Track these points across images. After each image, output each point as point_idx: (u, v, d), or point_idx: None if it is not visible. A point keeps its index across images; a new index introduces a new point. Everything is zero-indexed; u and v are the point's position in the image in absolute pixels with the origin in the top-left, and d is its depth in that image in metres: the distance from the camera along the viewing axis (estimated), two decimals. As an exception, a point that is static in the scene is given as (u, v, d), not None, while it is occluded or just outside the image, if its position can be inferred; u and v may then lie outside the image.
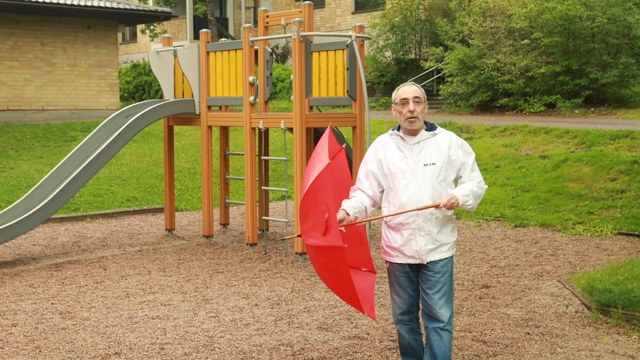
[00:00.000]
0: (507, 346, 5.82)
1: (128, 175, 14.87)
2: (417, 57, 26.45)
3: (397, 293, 4.60)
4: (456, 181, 4.62)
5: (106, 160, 9.59)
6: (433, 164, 4.46)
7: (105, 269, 8.60)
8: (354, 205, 4.49)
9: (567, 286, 7.39)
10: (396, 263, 4.55)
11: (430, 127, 4.58)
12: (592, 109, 19.06)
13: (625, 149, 13.14)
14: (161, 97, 24.45)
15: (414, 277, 4.56)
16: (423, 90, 4.57)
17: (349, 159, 10.55)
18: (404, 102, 4.48)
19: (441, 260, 4.49)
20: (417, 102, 4.48)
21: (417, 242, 4.46)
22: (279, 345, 5.83)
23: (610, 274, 7.38)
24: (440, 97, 23.01)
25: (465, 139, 15.61)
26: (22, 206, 9.42)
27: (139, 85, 30.26)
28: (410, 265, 4.53)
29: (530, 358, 5.56)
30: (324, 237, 4.10)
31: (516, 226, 10.92)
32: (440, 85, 22.52)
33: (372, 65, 25.65)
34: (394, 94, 4.57)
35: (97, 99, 21.97)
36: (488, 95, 20.49)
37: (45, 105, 21.16)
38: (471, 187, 4.48)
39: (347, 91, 9.49)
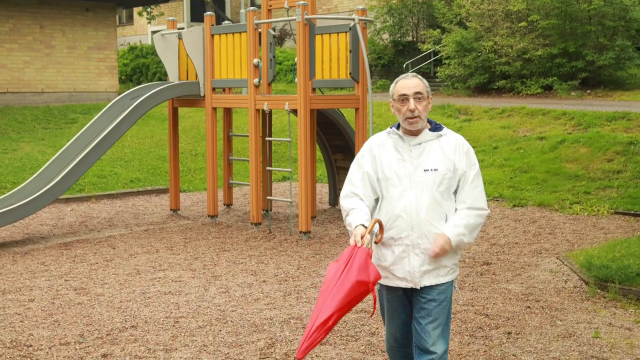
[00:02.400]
0: (508, 319, 6.05)
1: (131, 157, 15.03)
2: (415, 39, 26.57)
3: (390, 318, 3.96)
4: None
5: (113, 141, 9.76)
6: (435, 169, 3.77)
7: (114, 248, 8.79)
8: (366, 218, 3.77)
9: (565, 263, 7.62)
10: (386, 285, 3.89)
11: (435, 127, 3.89)
12: (589, 91, 19.26)
13: (622, 130, 13.35)
14: (159, 79, 24.32)
15: (407, 301, 3.91)
16: (426, 83, 3.86)
17: (350, 141, 10.75)
18: (403, 98, 3.78)
19: (438, 286, 3.81)
20: (419, 98, 3.78)
21: (410, 261, 3.77)
22: (289, 318, 6.05)
23: (607, 251, 7.61)
24: (437, 80, 23.16)
25: (464, 121, 15.84)
26: (30, 187, 9.59)
27: (137, 68, 30.30)
28: (403, 289, 3.87)
29: (531, 330, 5.79)
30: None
31: (514, 206, 11.14)
32: (438, 68, 22.67)
33: (370, 47, 25.75)
34: (391, 87, 3.88)
35: (96, 82, 22.05)
36: (485, 78, 20.67)
37: (45, 87, 21.25)
38: (467, 221, 3.77)
39: (350, 73, 9.66)
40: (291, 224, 9.75)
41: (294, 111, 9.36)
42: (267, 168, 10.51)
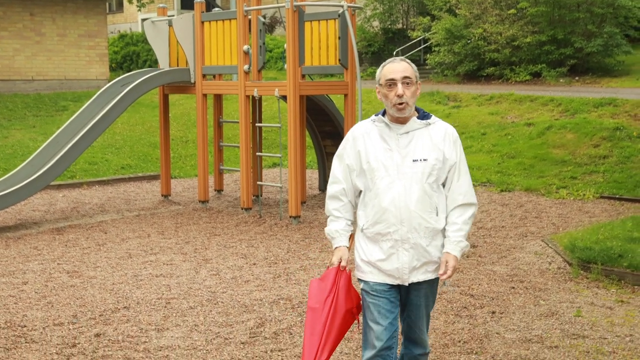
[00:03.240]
0: (493, 299, 6.19)
1: (122, 143, 15.10)
2: (405, 26, 26.65)
3: (375, 320, 3.64)
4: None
5: (104, 128, 9.84)
6: (424, 159, 3.58)
7: (105, 233, 8.89)
8: (347, 229, 3.73)
9: (550, 245, 7.77)
10: (372, 282, 3.66)
11: (423, 115, 3.69)
12: (577, 78, 19.41)
13: (608, 116, 13.51)
14: (150, 67, 24.34)
15: (394, 300, 3.68)
16: (415, 68, 3.67)
17: (340, 127, 10.86)
18: (391, 83, 3.58)
19: (427, 282, 3.68)
20: (408, 83, 3.58)
21: (400, 257, 3.59)
22: (279, 299, 6.17)
23: (591, 233, 7.77)
24: (427, 67, 23.26)
25: (452, 108, 15.97)
26: (22, 173, 9.66)
27: (127, 56, 30.26)
28: (390, 285, 3.66)
29: (514, 309, 5.93)
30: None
31: (502, 191, 11.29)
32: (428, 55, 22.77)
33: (360, 35, 25.82)
34: (378, 72, 3.68)
35: (87, 69, 22.04)
36: (474, 65, 20.78)
37: (35, 75, 21.23)
38: (464, 226, 3.64)
39: (339, 60, 9.75)
40: (281, 208, 9.87)
41: (284, 97, 9.45)
42: (257, 154, 10.62)
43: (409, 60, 3.68)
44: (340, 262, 3.64)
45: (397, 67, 3.61)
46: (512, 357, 4.96)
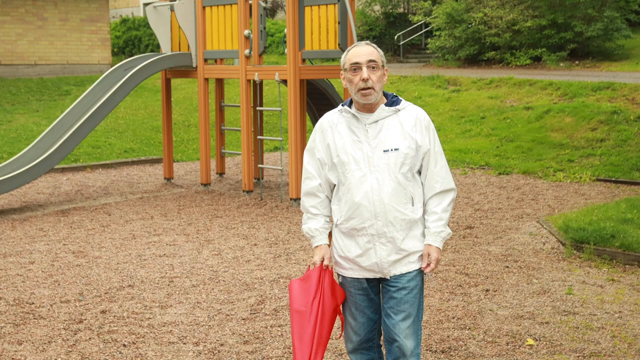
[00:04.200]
0: (487, 277, 6.36)
1: (124, 127, 15.25)
2: (406, 11, 26.70)
3: (353, 315, 3.58)
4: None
5: (108, 111, 9.99)
6: (395, 149, 3.42)
7: (109, 215, 9.06)
8: (326, 227, 3.59)
9: (544, 226, 7.93)
10: (350, 277, 3.55)
11: (392, 101, 3.51)
12: (577, 62, 19.50)
13: (606, 100, 13.63)
14: (151, 52, 24.45)
15: (374, 294, 3.57)
16: (381, 52, 3.48)
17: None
18: (355, 67, 3.42)
19: (408, 273, 3.50)
20: (373, 67, 3.41)
21: (377, 252, 3.45)
22: (279, 277, 6.35)
23: (585, 215, 7.93)
24: (428, 51, 23.35)
25: (452, 92, 16.09)
26: (27, 156, 9.83)
27: (129, 40, 30.33)
28: (368, 279, 3.54)
29: (508, 287, 6.11)
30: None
31: (500, 174, 11.44)
32: (429, 39, 22.84)
33: (361, 19, 25.88)
34: (342, 57, 3.52)
35: (89, 54, 22.16)
36: (475, 49, 20.87)
37: (38, 59, 21.35)
38: (443, 215, 3.52)
39: (339, 44, 9.87)
40: (282, 191, 10.03)
41: (284, 81, 9.59)
42: (259, 137, 10.77)
43: (375, 45, 3.50)
44: (322, 262, 3.49)
45: (362, 50, 3.43)
46: (504, 332, 5.13)
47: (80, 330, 5.17)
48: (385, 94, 3.53)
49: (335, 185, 3.54)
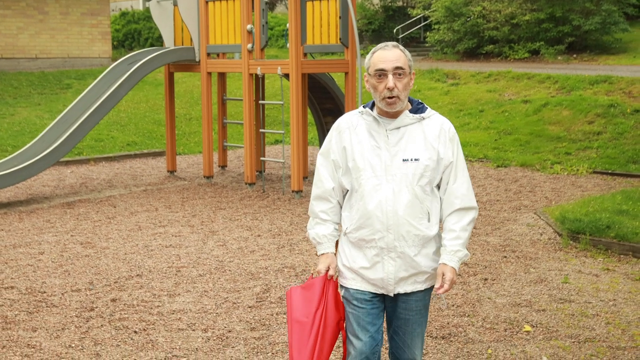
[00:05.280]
0: (486, 267, 6.54)
1: (127, 121, 15.40)
2: (405, 4, 26.81)
3: (354, 333, 3.31)
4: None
5: (112, 105, 10.14)
6: (416, 159, 3.20)
7: (115, 207, 9.23)
8: (335, 234, 3.38)
9: (542, 217, 8.11)
10: (353, 289, 3.31)
11: (417, 108, 3.30)
12: (575, 56, 19.65)
13: (603, 94, 13.79)
14: (151, 45, 24.49)
15: (377, 311, 3.33)
16: (409, 56, 3.25)
17: (340, 104, 11.16)
18: (381, 74, 3.18)
19: (415, 293, 3.29)
20: (400, 75, 3.18)
21: (385, 266, 3.23)
22: (283, 267, 6.53)
23: (581, 206, 8.10)
24: (427, 45, 23.49)
25: (451, 85, 16.24)
26: (33, 149, 9.98)
27: (128, 34, 30.44)
28: (373, 294, 3.31)
29: (506, 276, 6.28)
30: None
31: (498, 166, 11.61)
32: (427, 33, 22.98)
33: (360, 12, 26.01)
34: (367, 58, 3.27)
35: (90, 47, 22.26)
36: (474, 43, 21.02)
37: (39, 53, 21.47)
38: (462, 234, 3.24)
39: (340, 39, 10.03)
40: (284, 183, 10.19)
41: (286, 75, 9.74)
42: (261, 130, 10.92)
43: (402, 47, 3.25)
44: (327, 271, 3.29)
45: (388, 55, 3.17)
46: (502, 319, 5.31)
47: (92, 317, 5.34)
48: (410, 100, 3.31)
49: (347, 191, 3.33)
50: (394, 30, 24.95)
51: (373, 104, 3.30)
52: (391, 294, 3.27)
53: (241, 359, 4.66)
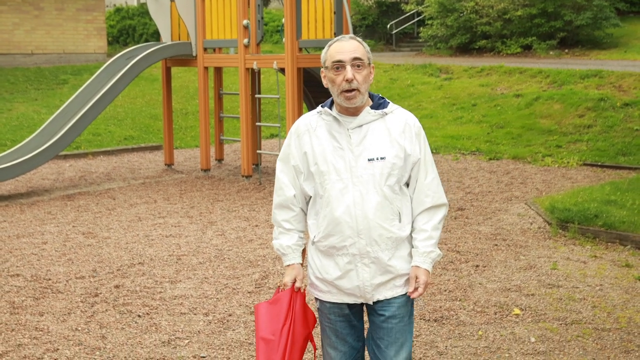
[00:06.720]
0: (477, 255, 6.74)
1: (123, 115, 15.56)
2: (398, 0, 26.99)
3: (333, 345, 3.20)
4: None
5: (111, 99, 10.31)
6: (382, 158, 3.02)
7: (114, 199, 9.40)
8: (300, 244, 3.19)
9: (532, 207, 8.32)
10: (329, 303, 3.16)
11: (378, 104, 3.10)
12: (567, 51, 19.88)
13: (594, 88, 14.02)
14: (146, 41, 24.69)
15: (356, 320, 3.20)
16: (367, 47, 3.07)
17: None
18: (338, 66, 3.00)
19: (395, 299, 3.11)
20: (359, 66, 3.00)
21: (359, 274, 3.06)
22: (281, 255, 6.72)
23: (571, 196, 8.32)
24: (420, 40, 23.68)
25: (444, 80, 16.44)
26: (32, 144, 10.14)
27: (123, 29, 30.52)
28: (350, 305, 3.15)
29: (496, 263, 6.49)
30: None
31: (490, 159, 11.82)
32: (421, 28, 23.17)
33: (354, 8, 26.18)
34: (323, 52, 3.09)
35: (85, 43, 22.39)
36: (467, 38, 21.22)
37: (35, 49, 21.58)
38: (434, 233, 3.09)
39: (334, 34, 10.20)
40: (280, 176, 10.37)
41: (282, 70, 9.92)
42: (257, 124, 11.10)
43: (360, 39, 3.09)
44: (294, 283, 3.13)
45: (346, 46, 3.00)
46: (492, 303, 5.51)
47: (97, 302, 5.52)
48: (371, 96, 3.12)
49: (311, 197, 3.14)
50: (388, 26, 25.14)
51: (332, 103, 3.12)
52: (370, 302, 3.10)
53: (242, 340, 4.85)
